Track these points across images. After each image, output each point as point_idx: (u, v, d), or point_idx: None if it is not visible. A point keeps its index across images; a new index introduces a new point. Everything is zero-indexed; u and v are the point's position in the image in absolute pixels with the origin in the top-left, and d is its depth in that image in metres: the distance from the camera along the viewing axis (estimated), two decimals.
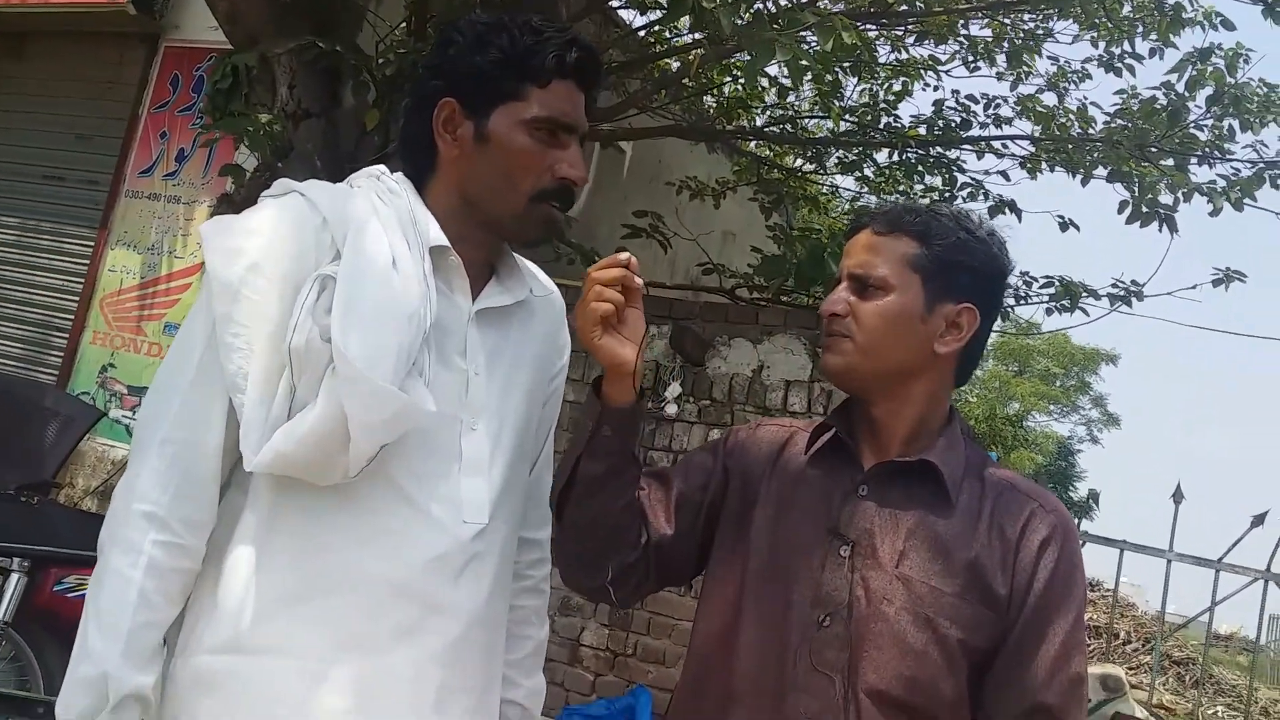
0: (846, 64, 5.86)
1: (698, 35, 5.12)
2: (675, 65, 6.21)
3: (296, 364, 1.35)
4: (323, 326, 1.34)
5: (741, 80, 6.38)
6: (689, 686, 1.60)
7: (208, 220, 1.44)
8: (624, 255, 1.47)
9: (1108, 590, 16.02)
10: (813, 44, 4.47)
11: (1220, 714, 9.86)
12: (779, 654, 1.47)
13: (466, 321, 1.52)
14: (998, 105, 6.24)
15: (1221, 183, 5.51)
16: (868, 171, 7.28)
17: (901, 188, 7.12)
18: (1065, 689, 1.45)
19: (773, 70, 6.06)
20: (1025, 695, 1.44)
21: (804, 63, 3.59)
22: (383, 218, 1.44)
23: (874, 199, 7.21)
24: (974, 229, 1.56)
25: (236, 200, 4.33)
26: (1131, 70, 5.72)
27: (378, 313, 1.36)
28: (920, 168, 6.67)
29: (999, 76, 6.29)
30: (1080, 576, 1.51)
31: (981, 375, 25.76)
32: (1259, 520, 4.14)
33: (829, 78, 6.11)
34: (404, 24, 4.69)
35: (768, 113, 7.24)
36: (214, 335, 1.39)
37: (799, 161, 7.76)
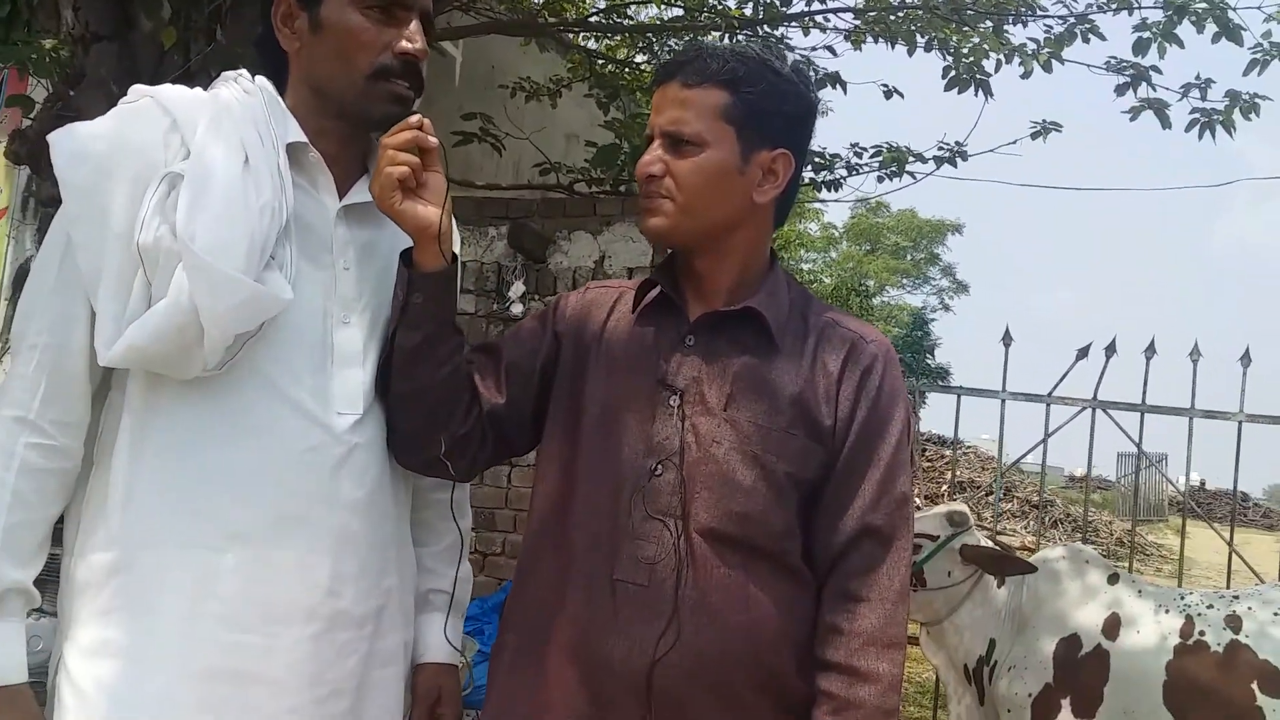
0: None
1: None
2: None
3: (148, 261, 1.36)
4: (172, 223, 1.36)
5: None
6: (530, 548, 1.63)
7: (53, 132, 1.43)
8: (415, 117, 1.46)
9: (968, 446, 16.88)
10: None
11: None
12: (614, 506, 1.51)
13: (333, 218, 1.53)
14: None
15: (1032, 46, 5.66)
16: (748, 43, 7.20)
17: None
18: (892, 509, 1.52)
19: None
20: (854, 518, 1.52)
21: None
22: (236, 116, 1.46)
23: None
24: (781, 69, 1.55)
25: (30, 135, 4.07)
26: None
27: (227, 205, 1.38)
28: (757, 49, 6.67)
29: None
30: (902, 403, 1.58)
31: (836, 256, 26.40)
32: (1083, 353, 4.38)
33: None
34: None
35: (591, 3, 7.13)
36: (68, 238, 1.41)
37: (632, 54, 7.69)
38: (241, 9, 3.46)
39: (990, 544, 3.29)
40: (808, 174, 6.60)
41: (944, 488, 13.85)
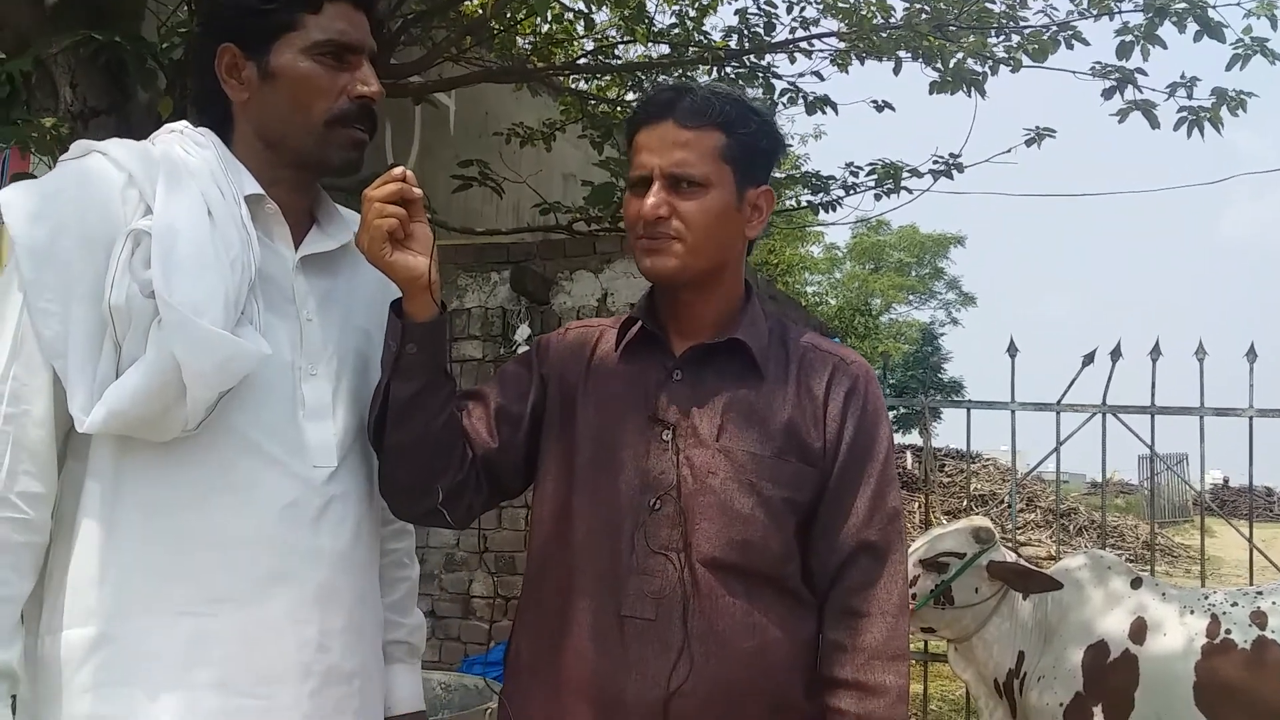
0: None
1: None
2: (480, 10, 6.12)
3: (119, 322, 1.33)
4: (142, 282, 1.33)
5: (546, 17, 6.32)
6: (531, 586, 1.64)
7: (5, 189, 1.40)
8: (398, 169, 1.48)
9: (987, 459, 16.80)
10: None
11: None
12: (614, 542, 1.52)
13: (292, 269, 1.52)
14: (802, 7, 6.33)
15: (1018, 39, 5.71)
16: (717, 83, 7.28)
17: None
18: (885, 524, 1.56)
19: (572, 3, 6.05)
20: (850, 535, 1.55)
21: None
22: (192, 168, 1.43)
23: None
24: (761, 110, 1.61)
25: None
26: None
27: (199, 260, 1.35)
28: (740, 81, 6.74)
29: None
30: (884, 421, 1.62)
31: (840, 277, 26.42)
32: (1089, 359, 4.38)
33: (632, 3, 6.10)
34: (184, 4, 4.49)
35: (579, 46, 7.21)
36: (26, 303, 1.35)
37: (623, 93, 7.76)
38: None
39: (1016, 558, 3.28)
40: (805, 197, 6.64)
41: (965, 502, 13.78)
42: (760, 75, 6.48)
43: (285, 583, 1.43)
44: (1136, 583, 3.19)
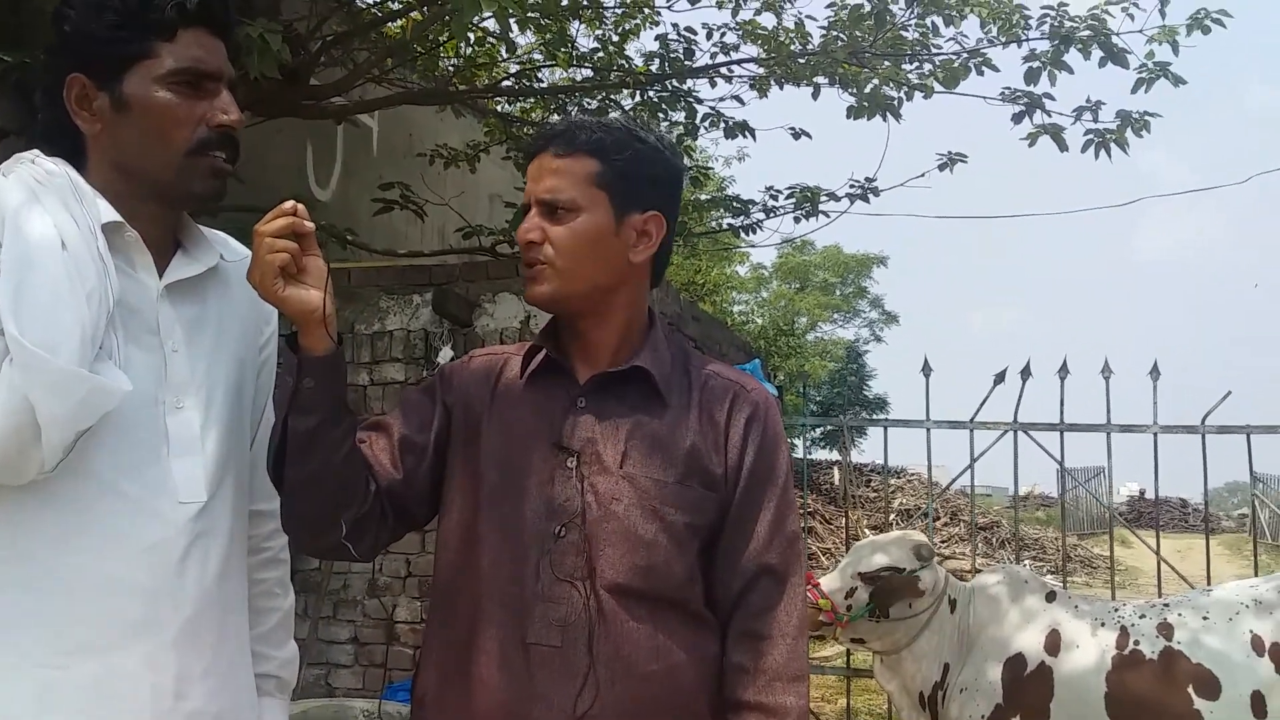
0: (567, 12, 5.89)
1: None
2: (402, 32, 6.10)
3: None
4: None
5: (467, 40, 6.33)
6: (436, 617, 1.63)
7: None
8: (288, 203, 1.45)
9: (911, 474, 17.07)
10: None
11: (1026, 565, 10.73)
12: (519, 570, 1.52)
13: (156, 298, 1.46)
14: (723, 33, 6.43)
15: (930, 68, 5.85)
16: (614, 115, 7.36)
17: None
18: (784, 547, 1.59)
19: (494, 25, 6.04)
20: (751, 559, 1.57)
21: (512, 13, 3.59)
22: (43, 198, 1.36)
23: None
24: (646, 137, 1.63)
25: None
26: None
27: (53, 295, 1.29)
28: (663, 106, 6.81)
29: (719, 5, 6.46)
30: (783, 447, 1.65)
31: (767, 296, 26.67)
32: (1000, 378, 4.49)
33: (554, 27, 6.13)
34: None
35: (503, 69, 7.22)
36: None
37: (547, 116, 7.78)
38: None
39: (947, 574, 3.36)
40: (727, 220, 6.72)
41: (891, 516, 13.99)
42: (682, 99, 6.55)
43: (145, 629, 1.37)
44: (1051, 596, 3.28)
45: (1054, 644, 3.14)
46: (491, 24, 5.29)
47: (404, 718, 3.45)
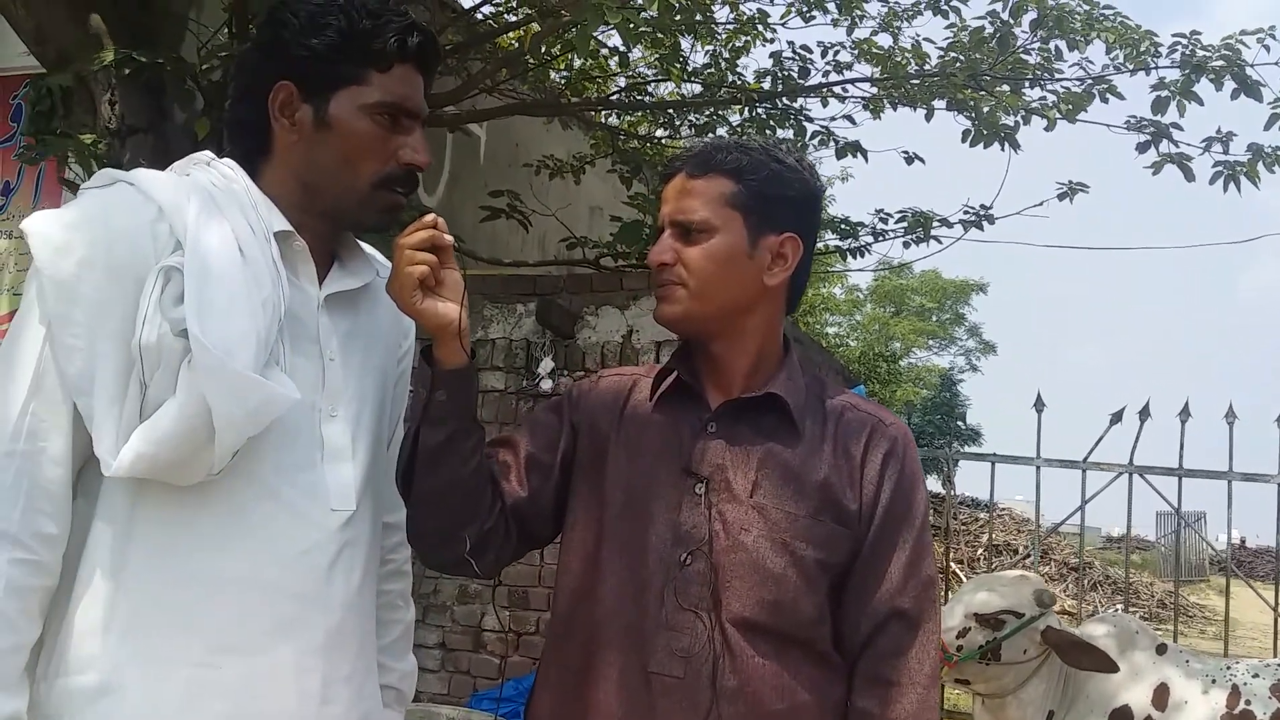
0: (682, 26, 5.89)
1: (529, 9, 5.09)
2: (516, 44, 6.17)
3: (148, 361, 1.28)
4: (173, 320, 1.28)
5: (585, 54, 6.37)
6: (555, 638, 1.61)
7: (28, 219, 1.35)
8: (429, 216, 1.46)
9: (1003, 509, 16.68)
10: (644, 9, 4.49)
11: (1117, 610, 10.41)
12: (643, 596, 1.50)
13: (317, 308, 1.48)
14: (836, 51, 6.37)
15: (1053, 99, 5.70)
16: (722, 131, 7.34)
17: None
18: (919, 592, 1.53)
19: (613, 40, 6.08)
20: (883, 601, 1.52)
21: (634, 26, 3.59)
22: (221, 204, 1.39)
23: None
24: (784, 158, 1.60)
25: None
26: (957, 12, 5.87)
27: (231, 301, 1.31)
28: (771, 122, 6.77)
29: (834, 24, 6.40)
30: (921, 486, 1.60)
31: (861, 319, 26.39)
32: (1117, 418, 4.34)
33: (668, 42, 6.13)
34: (225, 27, 4.53)
35: (613, 81, 7.25)
36: (49, 337, 1.31)
37: (654, 130, 7.80)
38: None
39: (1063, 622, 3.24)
40: (834, 242, 6.63)
41: (980, 551, 13.65)
42: (792, 117, 6.50)
43: (294, 631, 1.39)
44: (1161, 649, 3.16)
45: (1161, 700, 3.03)
46: (608, 38, 5.32)
47: None
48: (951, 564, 11.63)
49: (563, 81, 7.02)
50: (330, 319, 1.50)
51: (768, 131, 6.90)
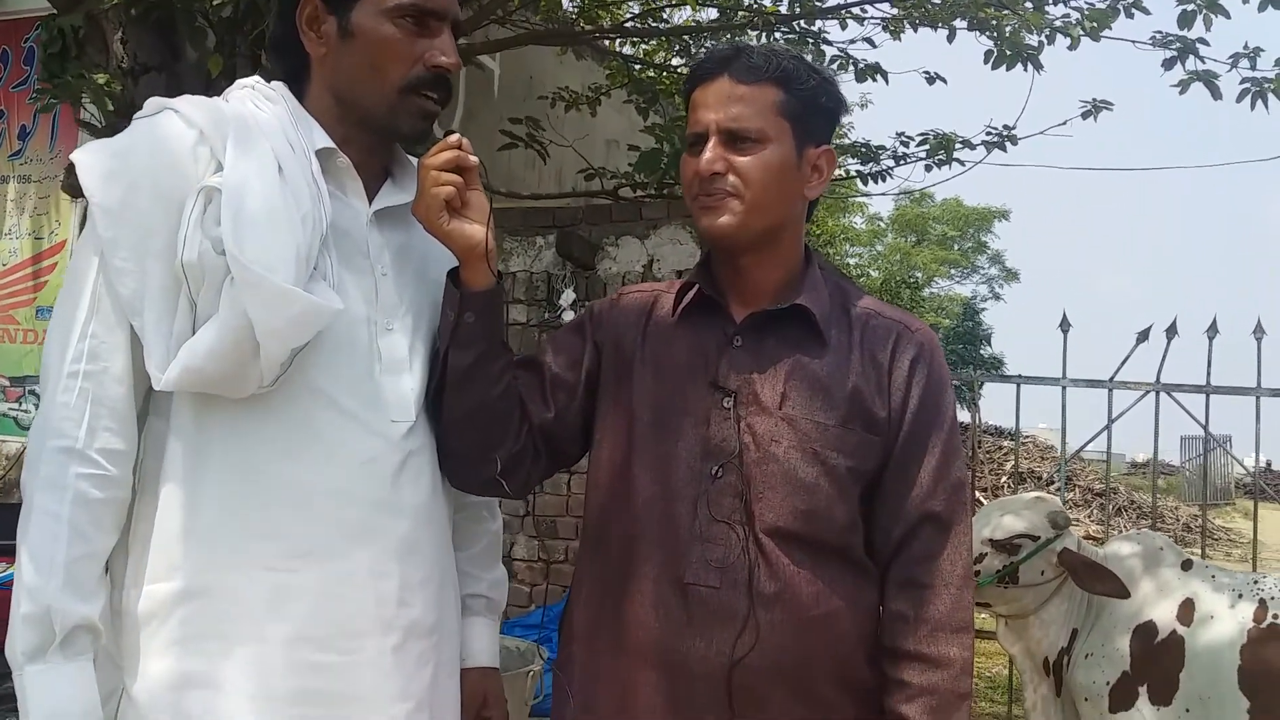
0: None
1: None
2: None
3: (192, 279, 1.34)
4: (214, 239, 1.33)
5: None
6: (588, 554, 1.63)
7: (76, 150, 1.39)
8: (454, 137, 1.46)
9: (1026, 436, 16.67)
10: None
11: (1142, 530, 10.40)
12: (674, 509, 1.51)
13: (366, 223, 1.51)
14: None
15: (1076, 16, 5.57)
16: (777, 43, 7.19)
17: None
18: (949, 494, 1.53)
19: None
20: (914, 506, 1.52)
21: None
22: (263, 125, 1.42)
23: None
24: (822, 70, 1.58)
25: None
26: None
27: (270, 217, 1.35)
28: (789, 47, 6.65)
29: None
30: (949, 390, 1.59)
31: (882, 249, 26.20)
32: (1143, 336, 4.29)
33: None
34: None
35: (626, 9, 7.14)
36: (102, 262, 1.36)
37: (669, 58, 7.69)
38: None
39: (1086, 545, 3.25)
40: (854, 167, 6.55)
41: (1004, 479, 13.67)
42: (810, 41, 6.38)
43: (367, 537, 1.43)
44: (1187, 565, 3.17)
45: (1187, 614, 3.03)
46: None
47: (521, 652, 3.50)
48: (976, 493, 11.67)
49: (575, 10, 6.92)
50: (382, 234, 1.52)
51: None
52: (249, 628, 1.37)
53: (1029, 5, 5.69)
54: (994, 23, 5.55)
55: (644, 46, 7.71)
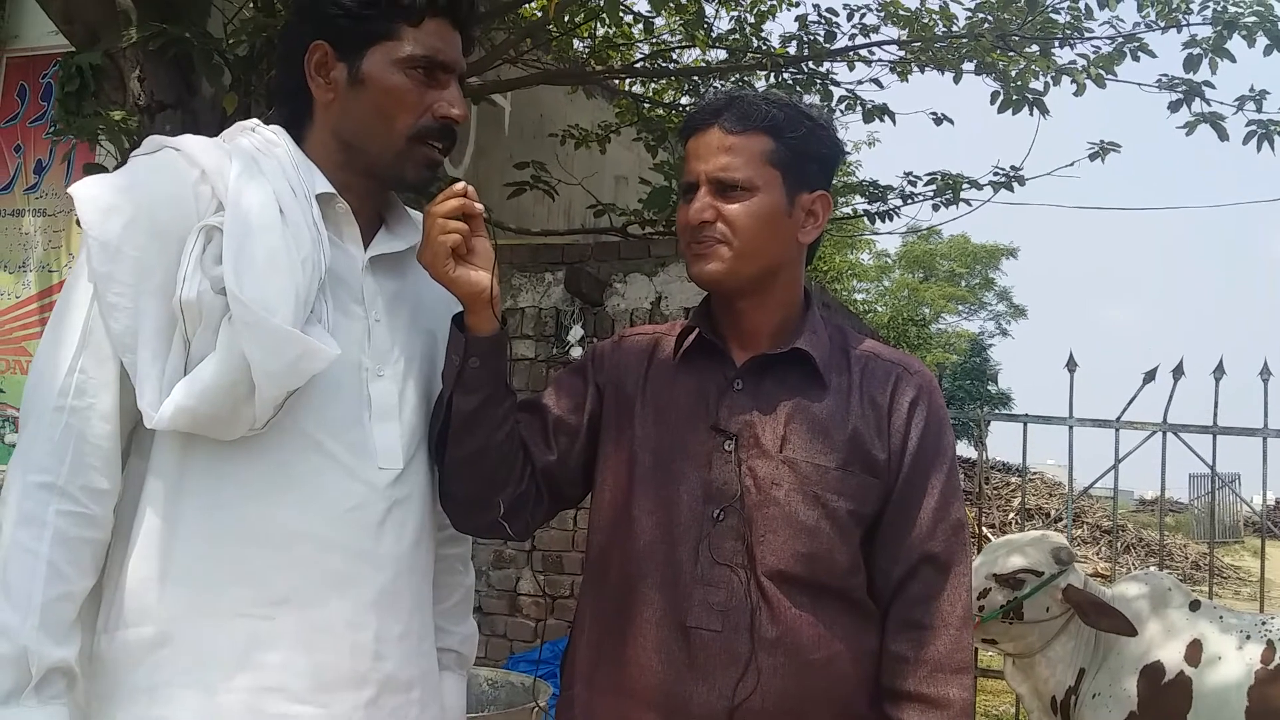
0: None
1: None
2: (539, 13, 6.14)
3: (189, 318, 1.32)
4: (213, 278, 1.32)
5: (606, 19, 6.34)
6: (590, 596, 1.64)
7: (75, 184, 1.39)
8: (460, 185, 1.48)
9: (1034, 473, 16.60)
10: None
11: (1151, 569, 10.34)
12: (676, 553, 1.52)
13: (361, 270, 1.51)
14: (863, 14, 6.30)
15: (1083, 62, 5.62)
16: (772, 90, 7.25)
17: None
18: (949, 535, 1.54)
19: (637, 6, 6.05)
20: (914, 547, 1.53)
21: None
22: (264, 166, 1.42)
23: None
24: (814, 114, 1.60)
25: None
26: None
27: (270, 258, 1.34)
28: (797, 87, 6.71)
29: None
30: (948, 430, 1.61)
31: (889, 285, 26.22)
32: (1150, 376, 4.30)
33: (692, 8, 6.09)
34: (251, 1, 4.55)
35: (636, 49, 7.22)
36: (96, 296, 1.34)
37: (679, 97, 7.76)
38: None
39: (1094, 583, 3.24)
40: (861, 206, 6.59)
41: (1011, 515, 13.62)
42: (818, 81, 6.44)
43: (346, 586, 1.41)
44: (1195, 606, 3.16)
45: (1195, 655, 3.02)
46: (632, 3, 5.29)
47: (525, 688, 3.50)
48: (983, 529, 11.62)
49: (586, 50, 6.99)
50: (376, 281, 1.52)
51: (794, 97, 6.82)
52: (221, 676, 1.34)
53: (1035, 49, 5.74)
54: (1000, 66, 5.60)
55: (654, 86, 7.79)
